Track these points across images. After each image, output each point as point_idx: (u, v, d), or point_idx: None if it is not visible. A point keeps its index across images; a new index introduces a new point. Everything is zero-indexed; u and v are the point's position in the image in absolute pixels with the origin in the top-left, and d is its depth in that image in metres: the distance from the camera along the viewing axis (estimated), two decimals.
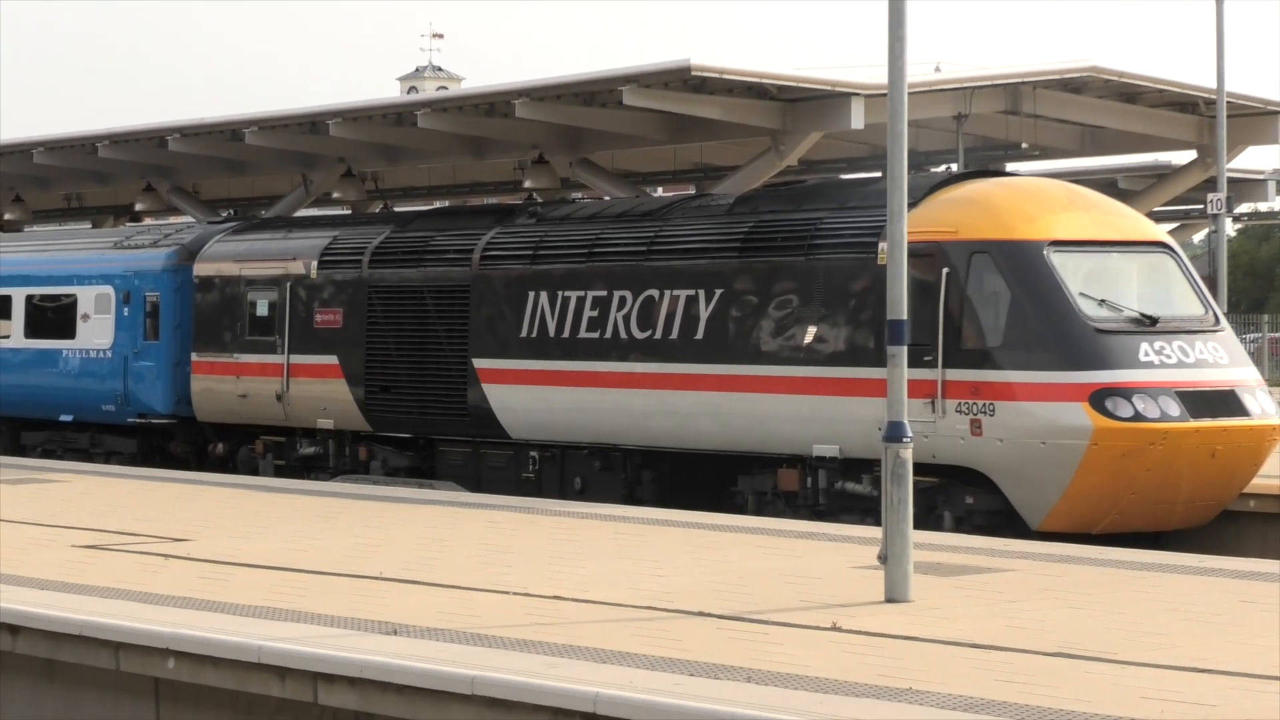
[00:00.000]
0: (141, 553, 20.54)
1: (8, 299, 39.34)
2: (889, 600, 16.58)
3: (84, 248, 39.56)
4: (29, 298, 38.90)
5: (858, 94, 30.99)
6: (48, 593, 17.56)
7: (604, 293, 28.77)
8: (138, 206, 45.32)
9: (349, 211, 42.26)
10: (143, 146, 40.73)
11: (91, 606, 16.66)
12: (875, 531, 18.64)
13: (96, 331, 37.05)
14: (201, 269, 35.59)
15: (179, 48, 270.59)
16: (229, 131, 38.29)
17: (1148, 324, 24.67)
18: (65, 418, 37.72)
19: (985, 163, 36.06)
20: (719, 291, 27.30)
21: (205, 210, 43.65)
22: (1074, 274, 24.76)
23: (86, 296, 37.41)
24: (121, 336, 36.50)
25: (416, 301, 31.64)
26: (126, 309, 36.49)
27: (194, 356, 35.34)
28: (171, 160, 41.45)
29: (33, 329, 38.67)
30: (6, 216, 49.16)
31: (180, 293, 35.90)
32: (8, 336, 39.23)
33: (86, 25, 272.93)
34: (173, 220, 43.69)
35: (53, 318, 38.25)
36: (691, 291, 27.66)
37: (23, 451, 38.69)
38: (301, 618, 15.96)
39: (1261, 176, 45.51)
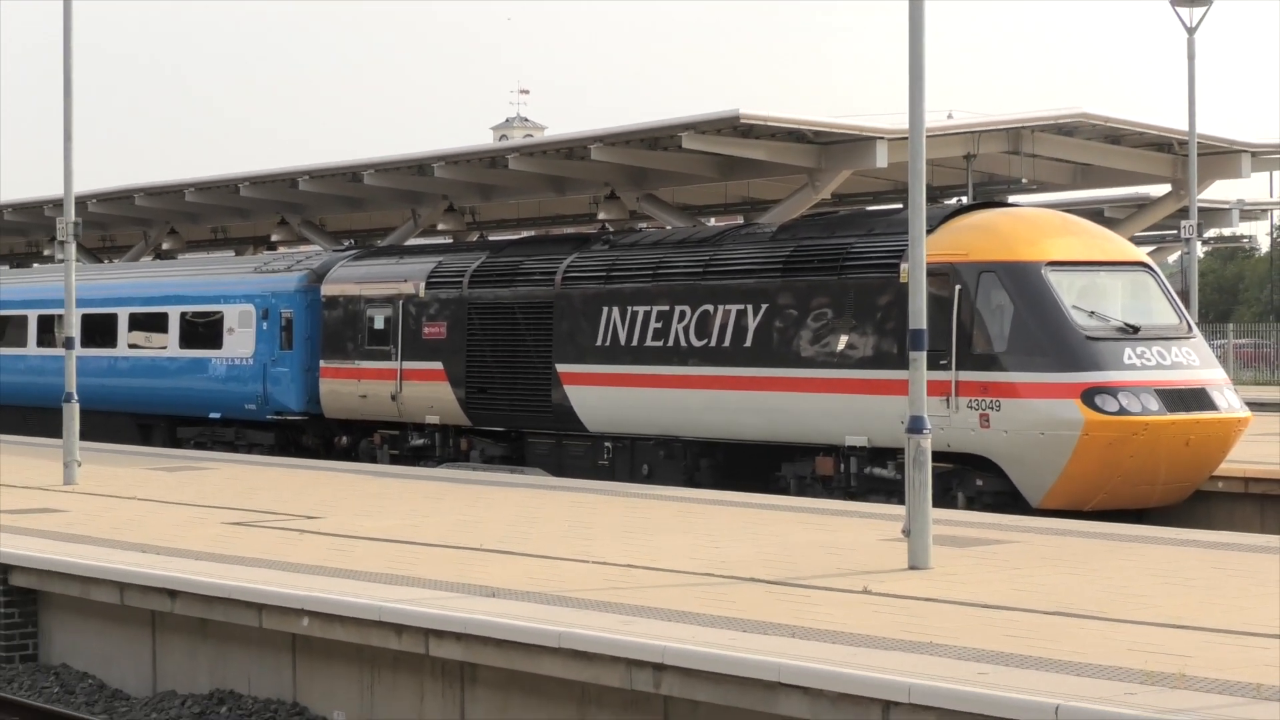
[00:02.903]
0: (279, 529, 20.62)
1: (165, 315, 39.54)
2: (912, 568, 16.54)
3: (229, 272, 39.73)
4: (183, 314, 39.08)
5: (882, 137, 30.94)
6: (201, 562, 17.65)
7: (666, 307, 28.77)
8: (273, 237, 45.51)
9: (451, 240, 42.31)
10: (278, 187, 40.89)
11: (238, 574, 16.73)
12: (899, 509, 18.61)
13: (240, 343, 37.20)
14: (328, 289, 35.71)
15: (308, 103, 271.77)
16: (350, 173, 38.42)
17: (1131, 332, 24.57)
18: (214, 415, 37.88)
19: (991, 195, 35.92)
20: (764, 306, 27.27)
21: (330, 240, 43.78)
22: (1068, 289, 24.69)
23: (231, 313, 37.57)
24: (261, 347, 36.65)
25: (508, 316, 31.69)
26: (265, 324, 36.63)
27: (322, 363, 35.47)
28: (301, 198, 41.59)
29: (186, 341, 38.85)
30: (164, 246, 49.40)
31: (310, 310, 36.02)
32: (165, 347, 39.41)
33: (233, 81, 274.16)
34: (303, 249, 43.81)
35: (203, 331, 38.41)
36: (741, 306, 27.63)
37: (178, 444, 38.88)
38: (415, 583, 15.99)
39: (1227, 206, 45.28)
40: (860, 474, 25.81)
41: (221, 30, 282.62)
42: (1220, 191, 43.39)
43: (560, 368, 30.39)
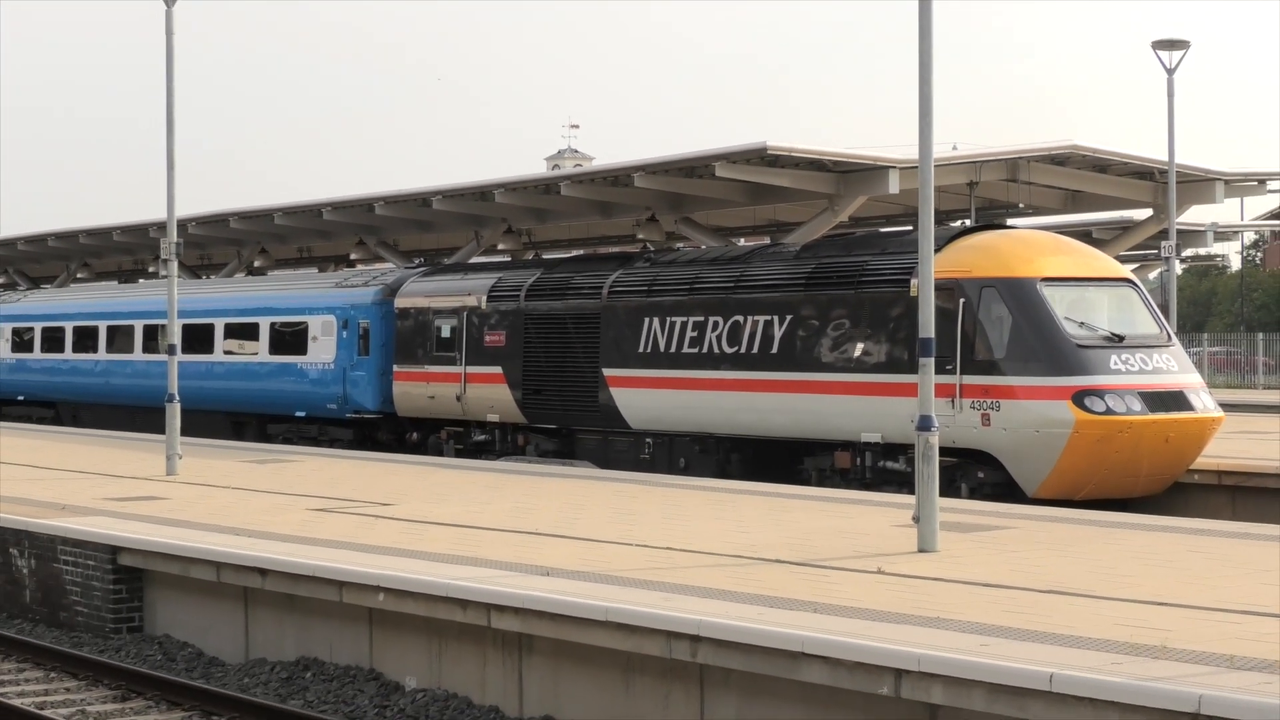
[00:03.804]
0: (357, 514, 20.65)
1: (256, 325, 39.65)
2: (921, 550, 16.49)
3: (313, 287, 39.83)
4: (272, 324, 39.17)
5: (894, 166, 30.88)
6: (288, 544, 17.68)
7: (701, 318, 28.73)
8: (352, 256, 45.67)
9: (509, 258, 42.35)
10: (356, 211, 40.98)
11: (321, 555, 16.76)
12: (909, 499, 18.54)
13: (323, 349, 37.27)
14: (400, 302, 35.76)
15: (382, 134, 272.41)
16: (420, 199, 38.48)
17: (1117, 341, 24.48)
18: (300, 414, 37.97)
19: (991, 218, 35.81)
20: (789, 317, 27.22)
21: (402, 258, 43.85)
22: (1060, 303, 24.59)
23: (315, 323, 37.64)
24: (341, 353, 36.72)
25: (560, 326, 31.69)
26: (345, 332, 36.69)
27: (395, 368, 35.51)
28: (377, 221, 41.67)
29: (275, 348, 38.94)
30: (255, 263, 49.55)
31: (385, 320, 36.08)
32: (256, 354, 39.53)
33: (318, 115, 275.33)
34: (378, 266, 43.88)
35: (290, 339, 38.50)
36: (768, 317, 27.59)
37: (268, 439, 38.98)
38: (477, 562, 15.99)
39: (1203, 228, 45.03)
40: (874, 467, 25.74)
41: (312, 72, 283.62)
42: (1196, 215, 43.07)
43: (606, 372, 30.39)
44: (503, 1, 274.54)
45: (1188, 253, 50.60)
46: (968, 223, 34.36)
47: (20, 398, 50.63)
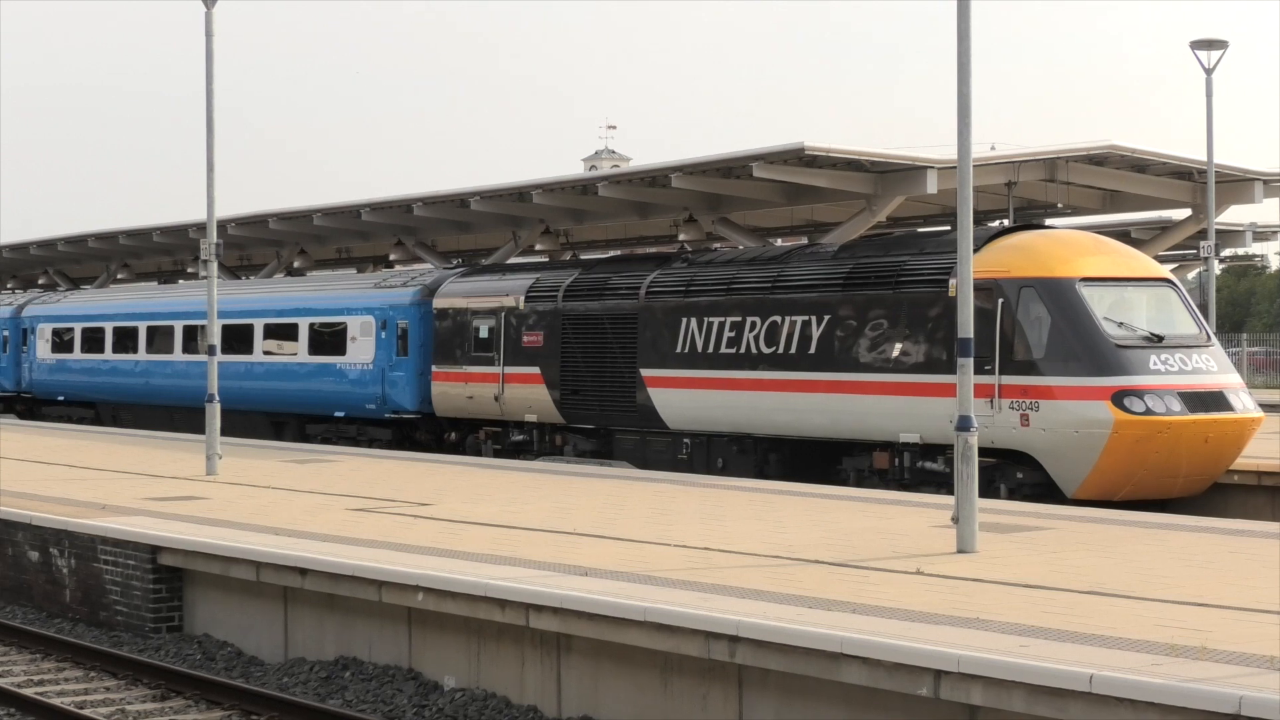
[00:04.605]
0: (396, 514, 20.68)
1: (295, 326, 39.75)
2: (960, 551, 16.45)
3: (351, 288, 39.90)
4: (311, 325, 39.27)
5: (932, 167, 30.80)
6: (328, 543, 17.72)
7: (739, 318, 28.71)
8: (391, 256, 45.71)
9: (547, 259, 42.37)
10: (394, 212, 41.06)
11: (360, 554, 16.79)
12: (948, 499, 18.52)
13: (362, 350, 37.36)
14: (439, 303, 35.82)
15: (420, 135, 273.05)
16: (458, 200, 38.53)
17: (1156, 341, 24.38)
18: (339, 414, 38.07)
19: (1030, 218, 35.70)
20: (827, 317, 27.18)
21: (440, 259, 43.93)
22: (1099, 303, 24.51)
23: (354, 324, 37.73)
24: (380, 353, 36.79)
25: (598, 326, 31.70)
26: (383, 333, 36.77)
27: (433, 368, 35.57)
28: (416, 222, 41.75)
29: (314, 348, 39.04)
30: (294, 264, 49.68)
31: (423, 321, 36.15)
32: (295, 354, 39.63)
33: (358, 118, 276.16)
34: (416, 267, 43.95)
35: (329, 340, 38.59)
36: (806, 317, 27.55)
37: (307, 439, 39.08)
38: (516, 562, 16.00)
39: (1241, 228, 44.78)
40: (913, 467, 25.68)
41: (352, 73, 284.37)
42: (1235, 215, 42.82)
43: (644, 372, 30.38)
44: (541, 3, 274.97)
45: (1226, 253, 50.27)
46: (1006, 223, 34.26)
47: (60, 398, 50.89)
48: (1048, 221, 35.38)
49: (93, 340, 48.91)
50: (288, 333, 39.96)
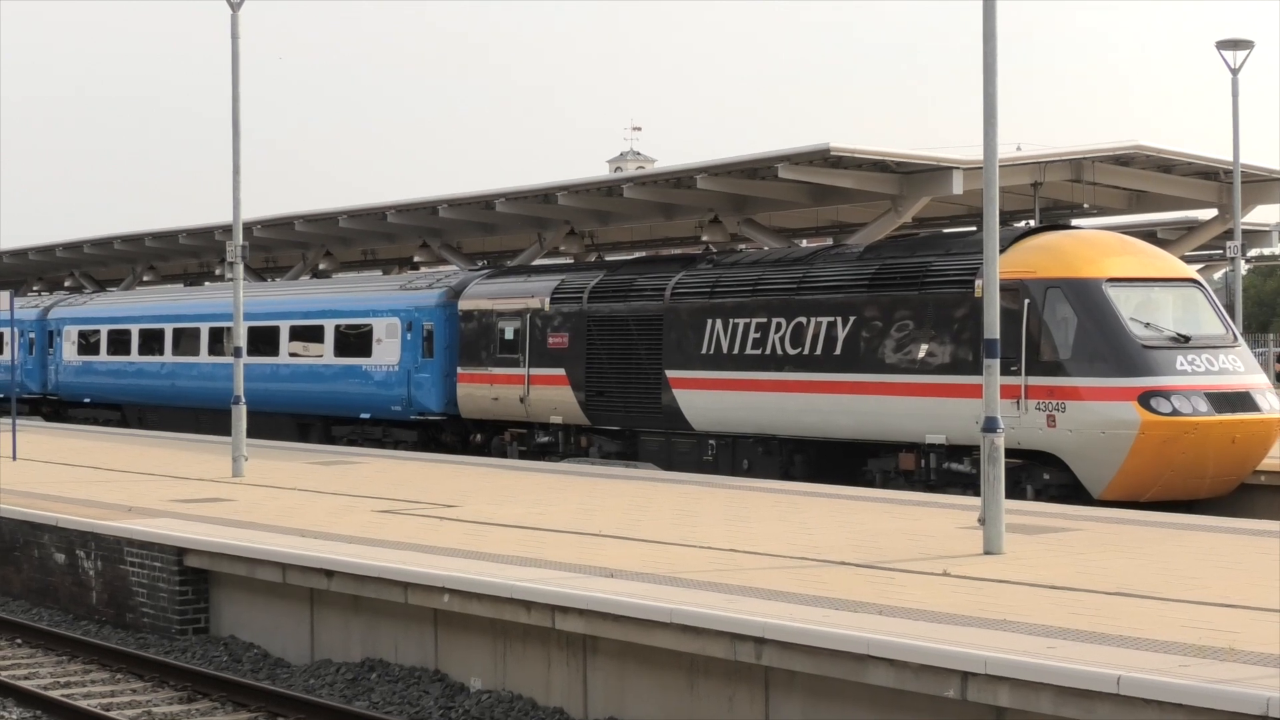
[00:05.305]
0: (422, 516, 20.71)
1: (321, 327, 39.82)
2: (987, 552, 16.42)
3: (377, 290, 39.96)
4: (337, 327, 39.33)
5: (958, 167, 30.73)
6: (354, 545, 17.75)
7: (764, 319, 28.69)
8: (416, 258, 45.73)
9: (572, 261, 42.38)
10: (420, 214, 41.09)
11: (386, 556, 16.82)
12: (975, 500, 18.48)
13: (387, 351, 37.41)
14: (464, 305, 35.85)
15: (445, 137, 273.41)
16: (483, 202, 38.54)
17: (1182, 341, 24.32)
18: (364, 415, 38.12)
19: (1055, 219, 35.61)
20: (852, 318, 27.15)
21: (466, 261, 43.93)
22: (1126, 303, 24.45)
23: (380, 326, 37.79)
24: (406, 355, 36.84)
25: (623, 327, 31.71)
26: (409, 334, 36.82)
27: (459, 370, 35.61)
28: (441, 224, 41.75)
29: (340, 350, 39.11)
30: (320, 266, 49.76)
31: (448, 322, 36.19)
32: (321, 356, 39.70)
33: (381, 119, 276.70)
34: (442, 269, 44.00)
35: (354, 341, 38.65)
36: (831, 318, 27.52)
37: (333, 441, 39.14)
38: (542, 564, 16.01)
39: (1268, 228, 44.56)
40: (939, 469, 25.64)
41: (376, 75, 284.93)
42: (1262, 215, 42.66)
43: (669, 373, 30.38)
44: (565, 4, 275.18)
45: (1253, 253, 50.09)
46: (1032, 223, 34.18)
47: (87, 400, 51.04)
48: (1073, 222, 35.30)
49: (119, 342, 49.05)
50: (313, 334, 40.03)
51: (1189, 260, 38.01)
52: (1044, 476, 24.18)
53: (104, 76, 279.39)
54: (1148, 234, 38.27)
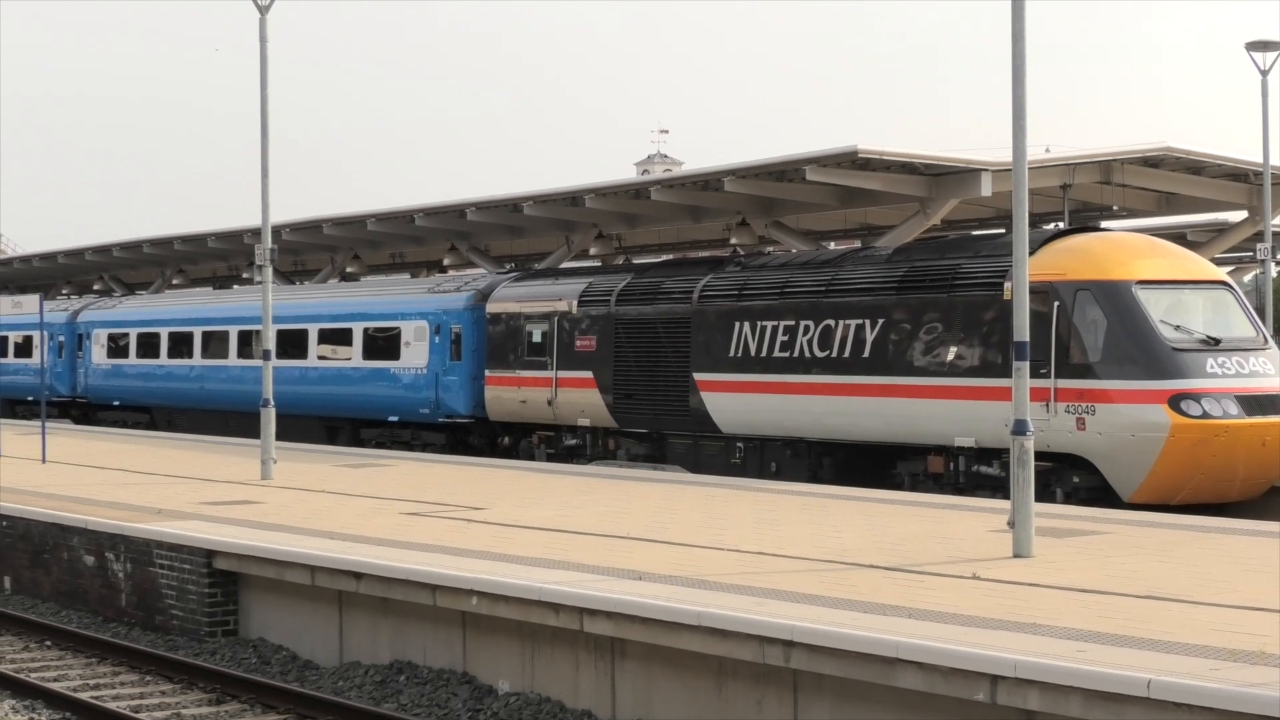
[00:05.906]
0: (450, 518, 20.73)
1: (350, 330, 39.90)
2: (1016, 556, 16.38)
3: (405, 293, 40.02)
4: (365, 330, 39.41)
5: (987, 169, 30.68)
6: (382, 547, 17.78)
7: (792, 322, 28.67)
8: (444, 261, 45.81)
9: (600, 263, 42.39)
10: (448, 217, 41.15)
11: (414, 558, 16.84)
12: (1004, 504, 18.44)
13: (415, 354, 37.46)
14: (492, 307, 35.89)
15: (473, 140, 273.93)
16: (511, 205, 38.59)
17: (1212, 344, 24.23)
18: (393, 418, 38.17)
19: (1085, 221, 35.53)
20: (881, 320, 27.11)
21: (494, 264, 44.01)
22: (1155, 305, 24.37)
23: (408, 328, 37.85)
24: (434, 358, 36.89)
25: (650, 330, 31.70)
26: (437, 337, 36.87)
27: (487, 373, 35.64)
28: (469, 227, 41.82)
29: (368, 353, 39.17)
30: (348, 270, 49.86)
31: (476, 325, 36.23)
32: (350, 359, 39.77)
33: (411, 121, 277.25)
34: (469, 271, 44.04)
35: (383, 344, 38.71)
36: (860, 321, 27.48)
37: (361, 444, 39.21)
38: (569, 566, 16.02)
39: None
40: (968, 471, 25.59)
41: (404, 78, 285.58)
42: None
43: (697, 376, 30.37)
44: (592, 5, 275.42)
45: None
46: (1061, 225, 34.11)
47: (116, 403, 51.22)
48: (1103, 224, 35.23)
49: (148, 345, 49.21)
50: (342, 337, 40.11)
51: (1219, 262, 37.91)
52: (1073, 479, 24.11)
53: (135, 78, 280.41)
54: (1178, 236, 38.18)
